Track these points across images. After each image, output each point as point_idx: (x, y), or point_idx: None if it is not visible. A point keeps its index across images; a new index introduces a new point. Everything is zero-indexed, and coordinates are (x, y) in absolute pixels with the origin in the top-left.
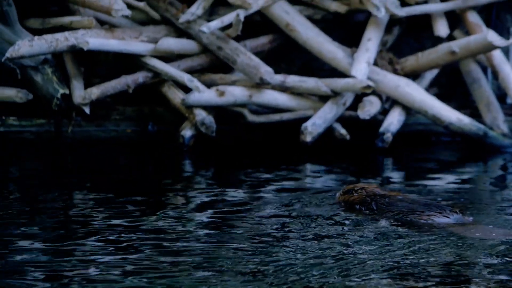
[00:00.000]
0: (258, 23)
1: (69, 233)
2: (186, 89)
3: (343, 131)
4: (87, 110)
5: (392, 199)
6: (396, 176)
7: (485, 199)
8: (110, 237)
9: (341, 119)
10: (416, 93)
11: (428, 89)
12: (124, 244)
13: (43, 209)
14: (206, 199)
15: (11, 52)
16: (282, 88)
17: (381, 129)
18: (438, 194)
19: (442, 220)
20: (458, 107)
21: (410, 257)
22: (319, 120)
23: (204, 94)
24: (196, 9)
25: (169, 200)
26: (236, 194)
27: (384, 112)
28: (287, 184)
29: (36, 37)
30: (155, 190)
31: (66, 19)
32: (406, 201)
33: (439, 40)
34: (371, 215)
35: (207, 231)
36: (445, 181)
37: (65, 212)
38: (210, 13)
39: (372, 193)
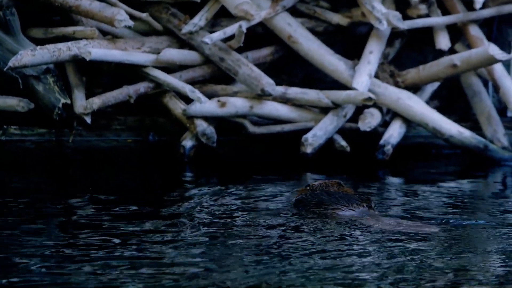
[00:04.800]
0: (260, 35)
1: (70, 241)
2: (188, 100)
3: (343, 143)
4: (88, 120)
5: (315, 192)
6: (395, 188)
7: (481, 210)
8: (109, 246)
9: (341, 131)
10: (417, 106)
11: (429, 102)
12: (123, 253)
13: (44, 218)
14: (206, 209)
15: (13, 62)
16: (283, 100)
17: (382, 141)
18: (436, 205)
19: (347, 213)
20: (459, 120)
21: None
22: (320, 131)
23: (205, 105)
24: (198, 20)
25: (169, 210)
26: (235, 204)
27: (385, 124)
28: (287, 194)
29: (38, 47)
30: (155, 199)
31: (69, 29)
32: (323, 195)
33: (440, 53)
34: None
35: (206, 240)
36: (444, 193)
37: (66, 221)
38: (213, 25)
39: (315, 187)
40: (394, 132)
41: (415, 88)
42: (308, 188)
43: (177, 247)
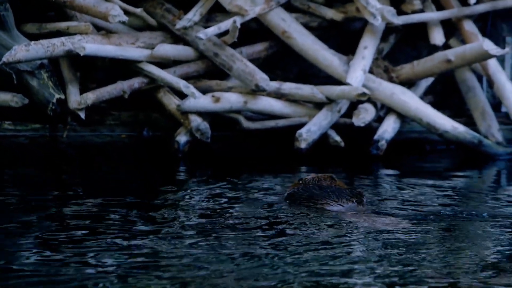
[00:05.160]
0: (255, 30)
1: (64, 236)
2: (182, 95)
3: (337, 138)
4: (82, 115)
5: (307, 186)
6: (389, 183)
7: (475, 204)
8: (102, 240)
9: (335, 126)
10: (411, 101)
11: (423, 97)
12: (116, 246)
13: (37, 212)
14: (200, 204)
15: (7, 57)
16: (278, 95)
17: (376, 137)
18: (430, 200)
19: (335, 208)
20: (453, 115)
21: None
22: (314, 127)
23: (199, 100)
24: (193, 16)
25: (162, 205)
26: (230, 200)
27: (379, 119)
28: (282, 190)
29: (32, 42)
30: (149, 195)
31: (63, 24)
32: (315, 189)
33: (435, 49)
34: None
35: (198, 235)
36: (438, 189)
37: (60, 216)
38: (207, 20)
39: (308, 181)
40: (388, 127)
41: (409, 83)
42: (300, 182)
43: (169, 241)
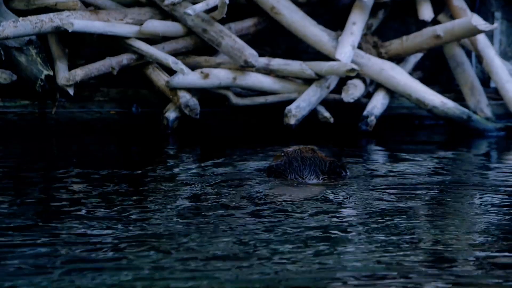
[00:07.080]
0: (243, 6)
1: (53, 214)
2: (171, 71)
3: (327, 114)
4: (71, 91)
5: (289, 158)
6: (379, 159)
7: (463, 179)
8: (91, 216)
9: (325, 102)
10: (400, 76)
11: (412, 72)
12: (105, 222)
13: (27, 190)
14: (189, 181)
15: None
16: (267, 71)
17: (365, 112)
18: (418, 175)
19: (303, 181)
20: (442, 91)
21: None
22: (303, 103)
23: (188, 77)
24: None
25: (151, 181)
26: (220, 175)
27: (368, 95)
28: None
29: (20, 18)
30: (139, 171)
31: (51, 1)
32: (295, 160)
33: (423, 24)
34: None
35: (189, 212)
36: (427, 163)
37: (49, 193)
38: None
39: (290, 153)
40: (378, 103)
41: (398, 59)
42: (282, 154)
43: (156, 215)
